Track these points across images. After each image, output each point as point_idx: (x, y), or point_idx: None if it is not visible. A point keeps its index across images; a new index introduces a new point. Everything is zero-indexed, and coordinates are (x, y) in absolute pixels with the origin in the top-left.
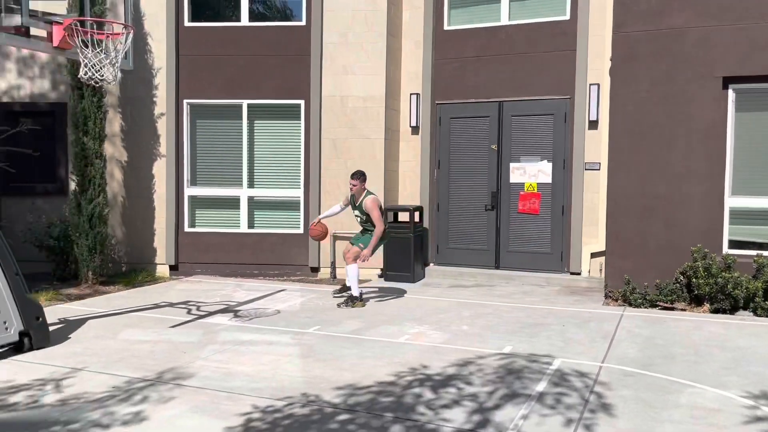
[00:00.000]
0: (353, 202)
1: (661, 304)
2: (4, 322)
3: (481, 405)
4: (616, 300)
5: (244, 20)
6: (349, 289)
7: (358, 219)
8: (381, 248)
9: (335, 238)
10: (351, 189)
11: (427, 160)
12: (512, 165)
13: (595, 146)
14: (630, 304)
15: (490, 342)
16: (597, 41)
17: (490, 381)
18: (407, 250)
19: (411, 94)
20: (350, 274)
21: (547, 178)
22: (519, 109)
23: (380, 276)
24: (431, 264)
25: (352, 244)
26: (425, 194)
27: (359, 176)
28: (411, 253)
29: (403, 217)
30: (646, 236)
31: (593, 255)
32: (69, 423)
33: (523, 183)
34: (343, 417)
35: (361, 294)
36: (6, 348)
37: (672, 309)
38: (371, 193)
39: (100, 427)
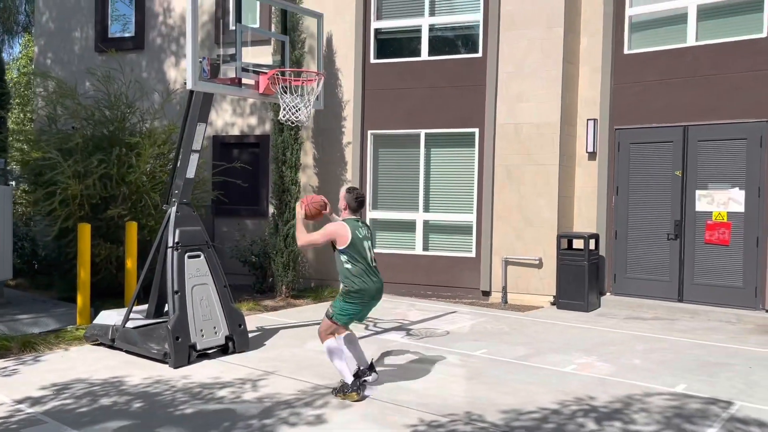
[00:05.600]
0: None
1: None
2: (214, 328)
3: None
4: None
5: (424, 55)
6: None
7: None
8: (554, 275)
9: (507, 263)
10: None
11: (605, 186)
12: (698, 192)
13: None
14: None
15: (661, 379)
16: None
17: (657, 420)
18: (581, 278)
19: (588, 120)
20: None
21: (739, 207)
22: (706, 134)
23: (552, 303)
24: (608, 293)
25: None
26: (602, 221)
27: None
28: (585, 282)
29: (578, 244)
30: None
31: None
32: (264, 418)
33: (711, 212)
34: None
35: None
36: (215, 350)
37: None
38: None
39: (288, 424)
